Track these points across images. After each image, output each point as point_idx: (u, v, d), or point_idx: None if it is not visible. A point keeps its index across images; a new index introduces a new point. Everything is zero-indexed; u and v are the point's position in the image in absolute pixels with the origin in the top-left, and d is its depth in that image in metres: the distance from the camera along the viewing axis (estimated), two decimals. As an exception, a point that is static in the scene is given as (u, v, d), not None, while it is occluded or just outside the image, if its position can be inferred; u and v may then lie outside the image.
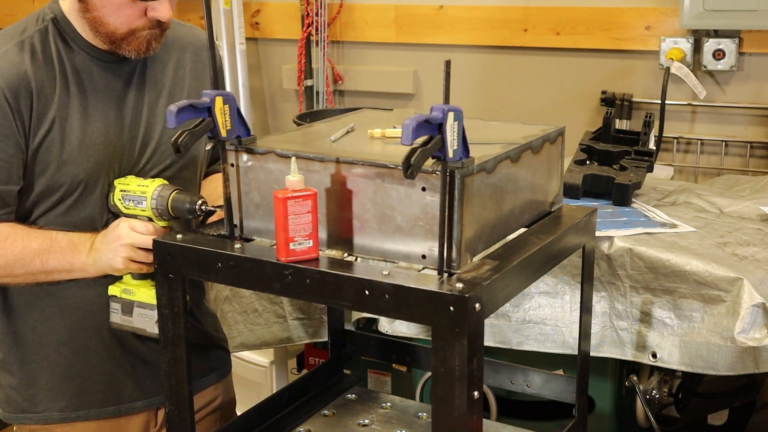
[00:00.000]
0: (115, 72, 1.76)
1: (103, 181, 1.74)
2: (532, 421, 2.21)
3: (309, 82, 3.63)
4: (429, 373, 2.23)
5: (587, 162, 2.31)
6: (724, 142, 3.01)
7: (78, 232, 1.72)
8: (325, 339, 2.11)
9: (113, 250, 1.66)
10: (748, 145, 2.98)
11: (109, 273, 1.70)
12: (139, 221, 1.68)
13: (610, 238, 1.93)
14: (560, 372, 1.93)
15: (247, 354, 2.91)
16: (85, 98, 1.72)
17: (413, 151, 1.25)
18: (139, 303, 1.74)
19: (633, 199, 2.20)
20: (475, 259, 1.41)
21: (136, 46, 1.69)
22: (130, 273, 1.72)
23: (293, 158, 1.41)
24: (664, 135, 2.73)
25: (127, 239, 1.65)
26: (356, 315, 2.20)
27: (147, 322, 1.73)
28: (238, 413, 2.04)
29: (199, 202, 1.68)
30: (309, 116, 3.06)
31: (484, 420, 1.51)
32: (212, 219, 1.70)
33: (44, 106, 1.68)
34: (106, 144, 1.74)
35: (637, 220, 2.05)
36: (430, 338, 2.00)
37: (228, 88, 3.51)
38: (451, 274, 1.34)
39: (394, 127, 1.58)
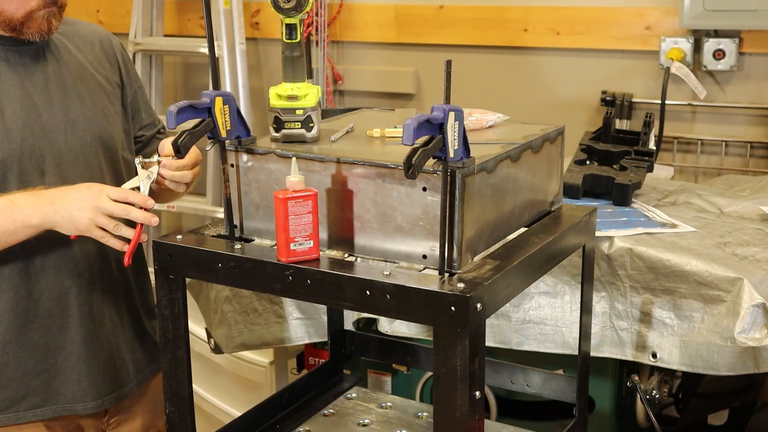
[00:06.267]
0: (24, 56, 1.73)
1: (29, 164, 1.69)
2: (532, 421, 2.21)
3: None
4: (429, 373, 2.23)
5: (587, 162, 2.31)
6: (724, 142, 3.01)
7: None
8: (325, 339, 2.11)
9: (80, 209, 1.58)
10: (748, 145, 2.98)
11: (64, 231, 1.62)
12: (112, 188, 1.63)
13: (610, 238, 1.93)
14: (560, 372, 1.93)
15: (247, 354, 2.91)
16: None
17: (414, 151, 1.25)
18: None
19: (633, 199, 2.20)
20: (476, 258, 1.41)
21: (37, 27, 1.69)
22: None
23: (294, 158, 1.41)
24: (664, 135, 2.72)
25: (101, 202, 1.60)
26: (356, 315, 2.19)
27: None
28: (239, 413, 2.04)
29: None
30: (309, 116, 3.05)
31: (485, 420, 1.50)
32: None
33: None
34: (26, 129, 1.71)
35: (637, 220, 2.05)
36: (429, 338, 2.01)
37: (228, 88, 3.51)
38: (452, 274, 1.34)
39: (395, 127, 1.58)
